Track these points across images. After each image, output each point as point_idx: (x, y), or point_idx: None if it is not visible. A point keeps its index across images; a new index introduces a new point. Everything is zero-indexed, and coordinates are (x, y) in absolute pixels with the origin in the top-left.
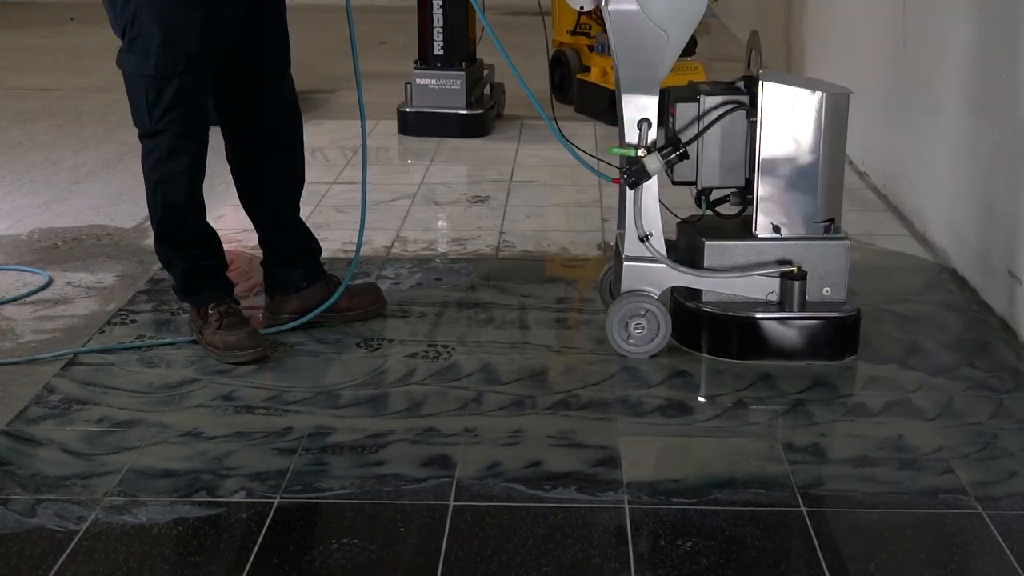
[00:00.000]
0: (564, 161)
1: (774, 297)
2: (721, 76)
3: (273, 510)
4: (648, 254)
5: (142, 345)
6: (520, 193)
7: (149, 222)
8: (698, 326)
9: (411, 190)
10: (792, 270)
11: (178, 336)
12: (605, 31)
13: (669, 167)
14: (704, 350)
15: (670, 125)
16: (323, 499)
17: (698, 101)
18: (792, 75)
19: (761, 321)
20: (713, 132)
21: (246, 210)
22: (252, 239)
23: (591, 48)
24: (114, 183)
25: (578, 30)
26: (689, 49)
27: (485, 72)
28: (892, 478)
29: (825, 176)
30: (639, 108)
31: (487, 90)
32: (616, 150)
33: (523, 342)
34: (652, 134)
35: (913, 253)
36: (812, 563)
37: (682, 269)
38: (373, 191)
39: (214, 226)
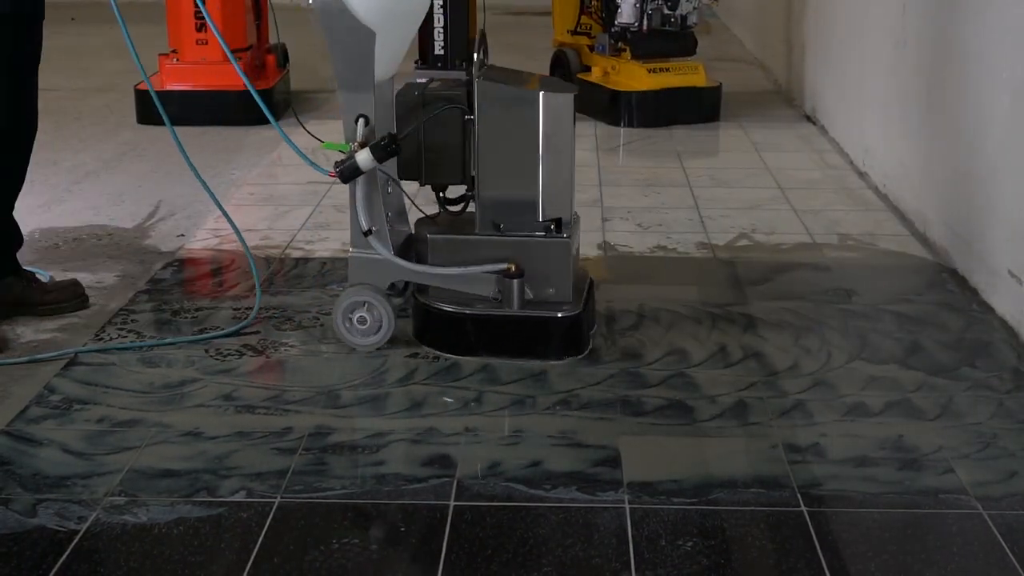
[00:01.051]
0: None
1: (497, 295)
2: (722, 75)
3: (273, 510)
4: (371, 247)
5: (140, 345)
6: None
7: (148, 222)
8: (426, 321)
9: (412, 189)
10: (509, 268)
11: (179, 335)
12: (606, 31)
13: (381, 162)
14: (431, 345)
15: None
16: (324, 499)
17: (416, 97)
18: (519, 73)
19: (481, 317)
20: (433, 130)
21: None
22: (252, 239)
23: (591, 48)
24: (114, 183)
25: (579, 30)
26: (689, 49)
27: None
28: (892, 478)
29: (547, 176)
30: (355, 104)
31: None
32: (328, 145)
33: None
34: (368, 130)
35: (914, 253)
36: (812, 563)
37: (404, 263)
38: None
39: (215, 225)
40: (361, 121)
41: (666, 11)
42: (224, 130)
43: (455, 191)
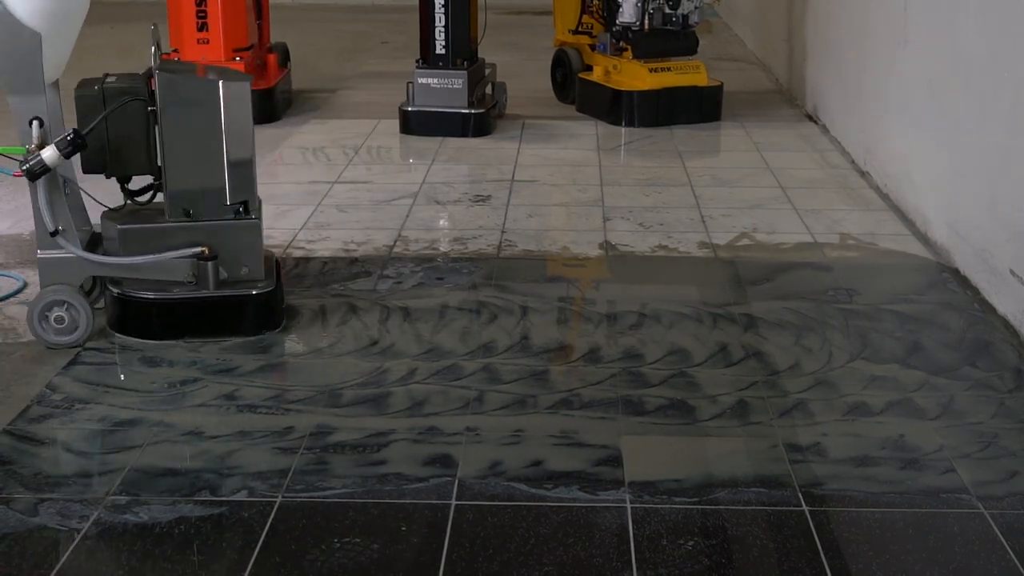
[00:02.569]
0: (566, 161)
1: (192, 278)
2: (723, 75)
3: (275, 509)
4: (60, 248)
5: None
6: (522, 192)
7: None
8: (123, 311)
9: (413, 189)
10: (203, 251)
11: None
12: (607, 30)
13: (68, 157)
14: (132, 334)
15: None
16: (325, 498)
17: (96, 91)
18: (192, 65)
19: (181, 301)
20: (116, 122)
21: None
22: None
23: (592, 47)
24: (114, 183)
25: (580, 29)
26: (690, 49)
27: (487, 71)
28: (893, 477)
29: (232, 161)
30: (28, 107)
31: (489, 89)
32: (6, 150)
33: (524, 342)
34: (43, 131)
35: (915, 252)
36: (814, 562)
37: (96, 258)
38: (375, 190)
39: None
40: (35, 123)
41: (667, 10)
42: None
43: (135, 182)
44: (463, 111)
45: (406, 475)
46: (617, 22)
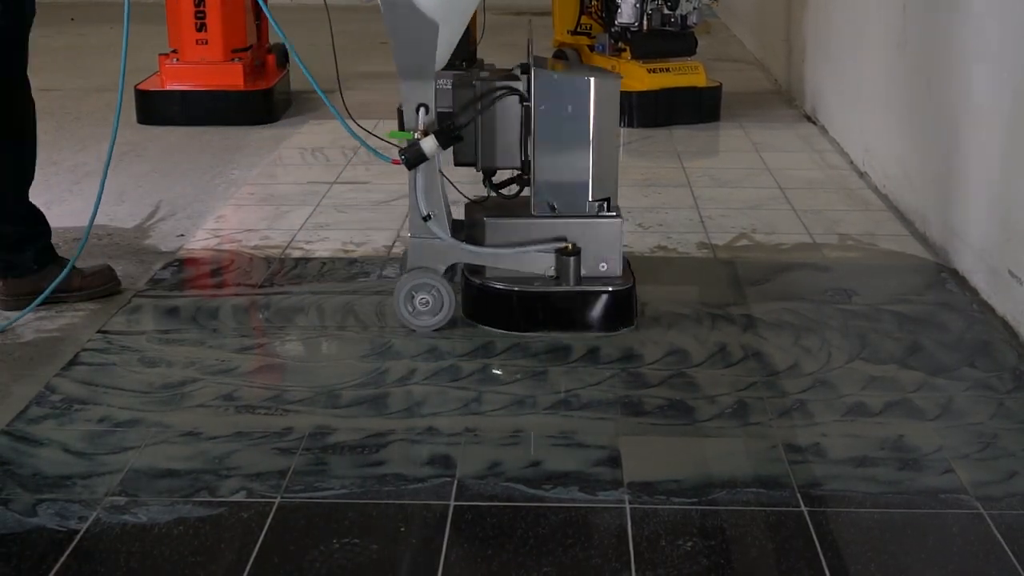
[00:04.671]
0: None
1: (552, 272)
2: (722, 76)
3: (274, 510)
4: (431, 232)
5: None
6: None
7: (148, 222)
8: (483, 300)
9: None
10: (566, 247)
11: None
12: (606, 31)
13: (445, 148)
14: (488, 323)
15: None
16: (324, 499)
17: (473, 86)
18: (564, 63)
19: (540, 294)
20: (490, 116)
21: None
22: (252, 239)
23: (591, 48)
24: (114, 183)
25: (579, 30)
26: (689, 49)
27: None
28: (893, 478)
29: (597, 157)
30: (416, 93)
31: None
32: (394, 133)
33: (524, 342)
34: (429, 118)
35: (913, 253)
36: (813, 563)
37: (462, 246)
38: (374, 191)
39: (215, 225)
40: (422, 110)
41: (666, 11)
42: (224, 130)
43: (502, 176)
44: None
45: (405, 476)
46: (616, 23)
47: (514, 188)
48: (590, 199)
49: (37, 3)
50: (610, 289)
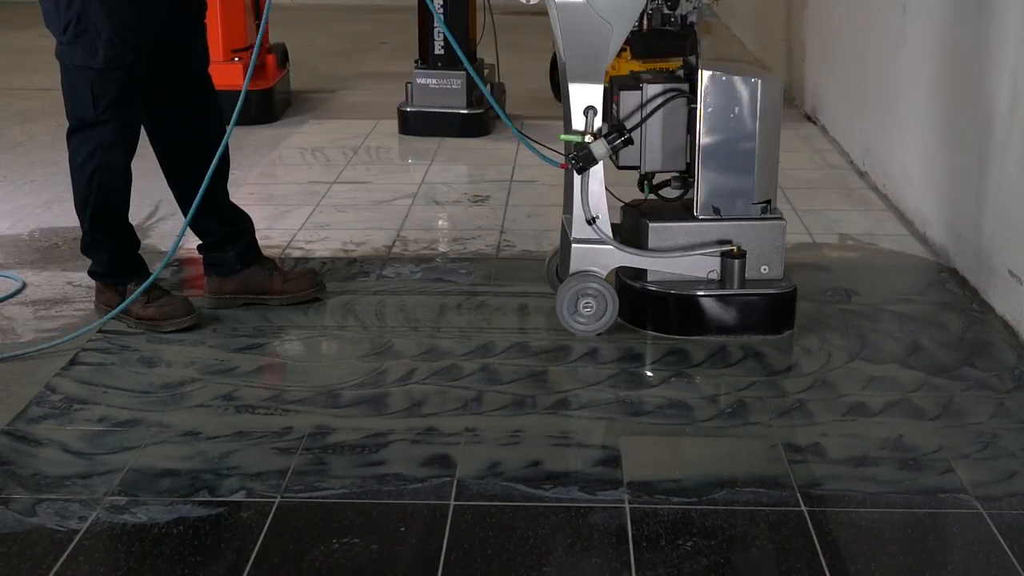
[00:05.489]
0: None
1: (715, 275)
2: None
3: (274, 510)
4: (595, 236)
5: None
6: (520, 193)
7: (147, 222)
8: (643, 304)
9: (412, 190)
10: (732, 249)
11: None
12: None
13: (615, 152)
14: (649, 328)
15: (614, 112)
16: (324, 499)
17: (640, 89)
18: (728, 64)
19: (703, 298)
20: (655, 118)
21: (175, 197)
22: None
23: None
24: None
25: None
26: (690, 49)
27: (485, 72)
28: (892, 478)
29: (761, 159)
30: (585, 96)
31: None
32: (564, 136)
33: (523, 341)
34: (597, 121)
35: (913, 253)
36: (812, 563)
37: (627, 250)
38: (374, 191)
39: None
40: (591, 113)
41: (666, 11)
42: None
43: (657, 177)
44: (462, 111)
45: (405, 475)
46: None
47: (667, 191)
48: (754, 201)
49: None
50: (774, 292)
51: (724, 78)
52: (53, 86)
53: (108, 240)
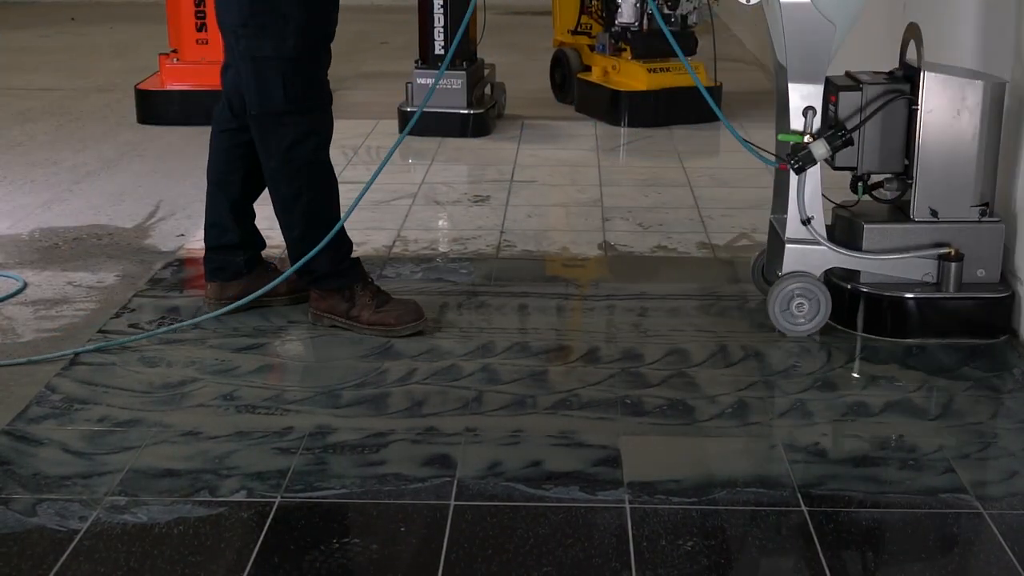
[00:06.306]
0: (564, 161)
1: (930, 278)
2: (722, 75)
3: (274, 510)
4: (809, 237)
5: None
6: (521, 193)
7: (148, 222)
8: (857, 306)
9: (412, 190)
10: (950, 252)
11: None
12: (606, 30)
13: (835, 152)
14: (860, 329)
15: (831, 113)
16: (324, 499)
17: (860, 90)
18: (949, 65)
19: (919, 301)
20: (875, 119)
21: (217, 188)
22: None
23: (592, 48)
24: (114, 183)
25: (579, 30)
26: (689, 49)
27: (486, 72)
28: (893, 478)
29: (981, 162)
30: (805, 96)
31: (488, 90)
32: (784, 136)
33: (524, 341)
34: (816, 121)
35: None
36: (813, 563)
37: (842, 251)
38: (373, 190)
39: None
40: (810, 113)
41: (666, 11)
42: None
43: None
44: (462, 111)
45: (405, 475)
46: (616, 22)
47: (879, 192)
48: (973, 204)
49: (39, 3)
50: (992, 295)
51: (947, 79)
52: (52, 86)
53: (327, 235)
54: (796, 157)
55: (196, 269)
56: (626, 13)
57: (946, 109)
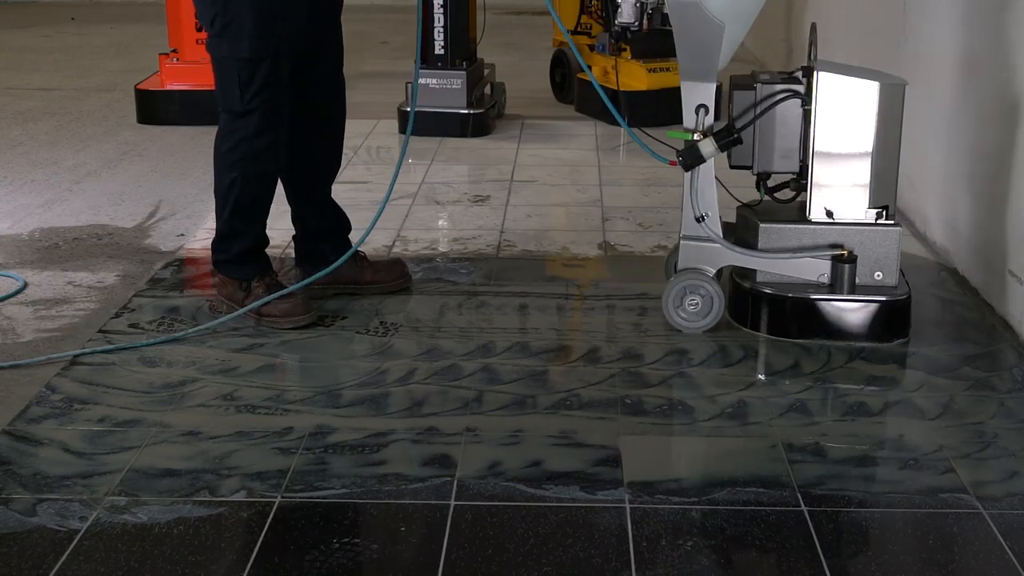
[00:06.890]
0: (565, 160)
1: (825, 279)
2: (721, 75)
3: (274, 509)
4: (704, 234)
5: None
6: (521, 192)
7: (148, 222)
8: (753, 305)
9: (412, 189)
10: (843, 253)
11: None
12: (606, 30)
13: (724, 151)
14: (757, 328)
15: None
16: (324, 499)
17: (754, 89)
18: (848, 65)
19: (813, 302)
20: (769, 119)
21: (283, 184)
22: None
23: (591, 48)
24: (115, 183)
25: (579, 30)
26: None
27: (486, 71)
28: (893, 478)
29: (878, 164)
30: (697, 95)
31: (488, 89)
32: (674, 134)
33: (524, 341)
34: (708, 120)
35: (913, 252)
36: (813, 563)
37: (736, 249)
38: (373, 190)
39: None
40: (702, 111)
41: (666, 10)
42: None
43: (775, 179)
44: (462, 111)
45: (405, 475)
46: (616, 22)
47: (785, 192)
48: (868, 206)
49: (39, 3)
50: (886, 299)
51: (839, 79)
52: (52, 86)
53: (245, 230)
54: (684, 154)
55: (196, 269)
56: (626, 13)
57: (840, 110)
